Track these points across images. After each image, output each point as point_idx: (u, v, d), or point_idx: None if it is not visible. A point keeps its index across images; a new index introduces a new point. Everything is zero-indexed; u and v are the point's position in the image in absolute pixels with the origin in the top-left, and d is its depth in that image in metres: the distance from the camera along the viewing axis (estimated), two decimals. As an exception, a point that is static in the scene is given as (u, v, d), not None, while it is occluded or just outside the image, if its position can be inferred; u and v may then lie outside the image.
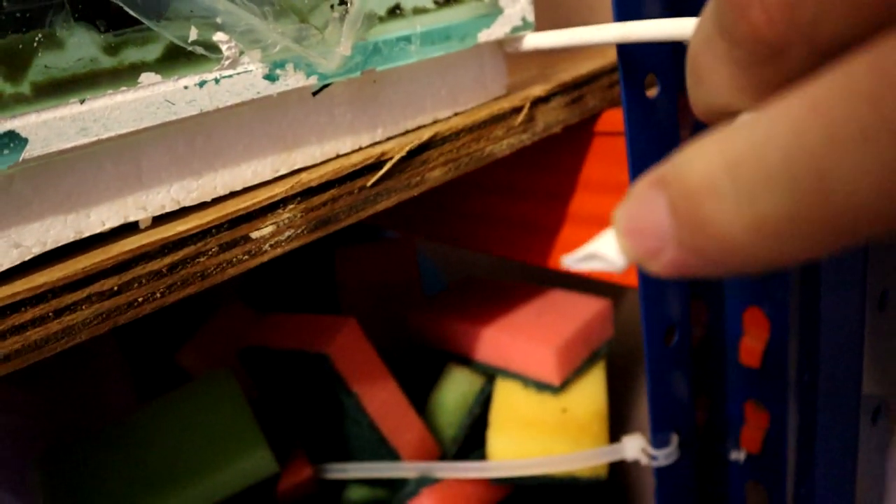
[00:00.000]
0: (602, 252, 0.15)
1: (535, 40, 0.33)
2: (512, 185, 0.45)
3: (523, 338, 0.43)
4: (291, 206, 0.26)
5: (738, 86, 0.15)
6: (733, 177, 0.12)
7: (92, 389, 0.50)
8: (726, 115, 0.16)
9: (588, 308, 0.44)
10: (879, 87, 0.10)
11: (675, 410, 0.38)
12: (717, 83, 0.15)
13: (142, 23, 0.22)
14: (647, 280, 0.35)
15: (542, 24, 0.34)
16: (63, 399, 0.48)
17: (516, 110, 0.32)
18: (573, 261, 0.16)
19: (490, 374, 0.45)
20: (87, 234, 0.24)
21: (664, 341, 0.36)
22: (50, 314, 0.22)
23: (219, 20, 0.23)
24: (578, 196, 0.41)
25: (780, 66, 0.14)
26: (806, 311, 0.38)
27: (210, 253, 0.25)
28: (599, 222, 0.40)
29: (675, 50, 0.33)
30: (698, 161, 0.13)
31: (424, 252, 0.69)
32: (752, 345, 0.40)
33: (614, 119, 0.37)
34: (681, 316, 0.37)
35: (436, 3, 0.29)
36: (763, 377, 0.40)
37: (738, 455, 0.44)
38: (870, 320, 0.38)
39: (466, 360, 0.46)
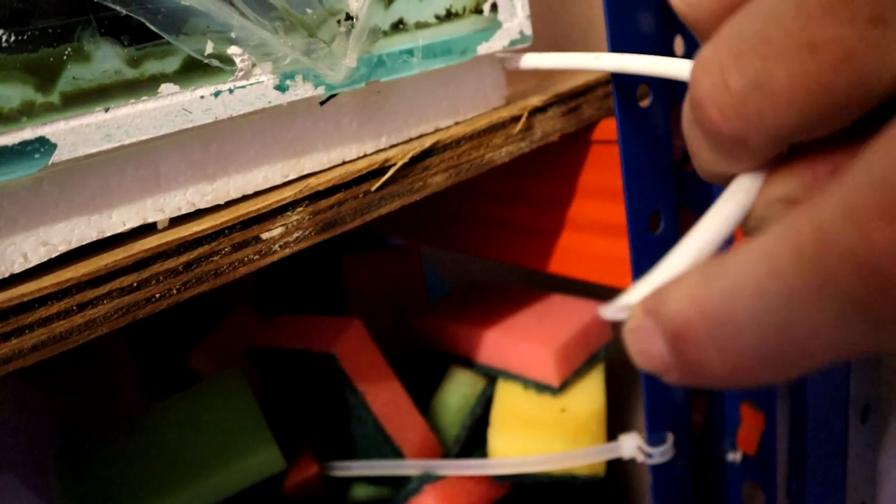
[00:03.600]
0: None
1: (534, 60, 0.34)
2: (512, 191, 0.46)
3: (523, 340, 0.44)
4: (300, 209, 0.28)
5: (718, 161, 0.17)
6: (709, 327, 0.14)
7: (104, 390, 0.51)
8: (720, 177, 0.18)
9: (587, 312, 0.46)
10: (820, 247, 0.12)
11: (671, 410, 0.40)
12: (703, 157, 0.17)
13: (162, 37, 0.24)
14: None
15: (539, 37, 0.36)
16: (77, 399, 0.50)
17: (515, 119, 0.34)
18: (609, 313, 0.18)
19: (491, 376, 0.47)
20: (109, 234, 0.25)
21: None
22: (74, 308, 0.23)
23: (233, 35, 0.25)
24: (576, 202, 0.42)
25: (746, 151, 0.15)
26: None
27: (223, 252, 0.26)
28: (596, 228, 0.42)
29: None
30: (678, 304, 0.14)
31: (428, 258, 0.70)
32: None
33: (610, 128, 0.38)
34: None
35: (437, 17, 0.31)
36: None
37: (734, 456, 0.45)
38: None
39: (468, 362, 0.47)
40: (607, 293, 0.48)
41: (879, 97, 0.14)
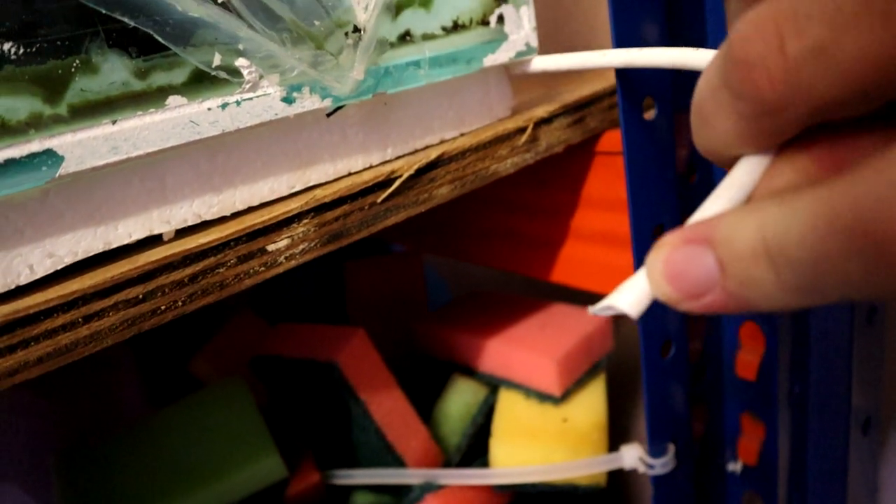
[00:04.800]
0: (619, 305, 0.19)
1: (542, 63, 0.34)
2: (516, 201, 0.46)
3: (526, 350, 0.44)
4: (305, 221, 0.28)
5: (739, 133, 0.17)
6: (768, 254, 0.15)
7: (106, 396, 0.51)
8: (728, 154, 0.18)
9: (589, 321, 0.46)
10: (856, 219, 0.14)
11: (672, 421, 0.40)
12: (720, 129, 0.18)
13: (170, 49, 0.24)
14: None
15: (545, 45, 0.36)
16: (78, 404, 0.50)
17: (520, 131, 0.34)
18: (596, 310, 0.20)
19: (493, 385, 0.47)
20: (115, 246, 0.25)
21: (661, 354, 0.38)
22: (79, 320, 0.23)
23: (241, 47, 0.25)
24: (580, 212, 0.42)
25: (779, 120, 0.16)
26: (796, 324, 0.40)
27: (229, 264, 0.26)
28: (599, 238, 0.42)
29: (672, 74, 0.35)
30: (742, 232, 0.16)
31: (431, 266, 0.70)
32: (748, 358, 0.41)
33: (615, 139, 0.38)
34: (677, 330, 0.38)
35: (444, 29, 0.31)
36: (759, 389, 0.42)
37: (735, 466, 0.45)
38: (858, 334, 0.39)
39: (470, 371, 0.47)
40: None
41: None
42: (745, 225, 0.16)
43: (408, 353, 0.51)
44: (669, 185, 0.36)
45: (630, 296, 0.19)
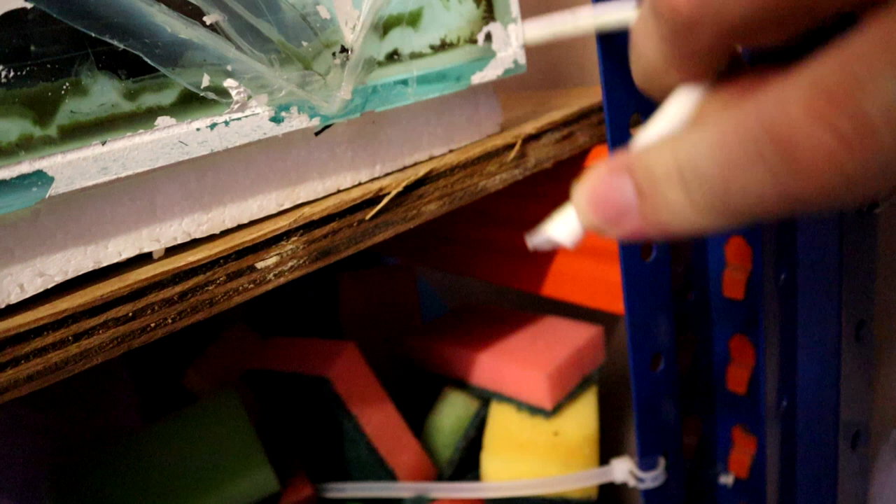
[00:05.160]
0: (556, 236, 0.20)
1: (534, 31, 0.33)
2: (507, 214, 0.46)
3: (517, 363, 0.44)
4: (294, 238, 0.28)
5: (663, 56, 0.19)
6: (681, 175, 0.17)
7: (99, 409, 0.51)
8: (658, 84, 0.20)
9: (580, 335, 0.46)
10: (757, 127, 0.15)
11: (662, 433, 0.40)
12: (648, 54, 0.19)
13: (158, 70, 0.24)
14: (633, 309, 0.36)
15: (533, 64, 0.36)
16: (71, 418, 0.50)
17: (508, 147, 0.34)
18: (535, 243, 0.21)
19: (485, 398, 0.47)
20: (105, 264, 0.25)
21: (651, 368, 0.38)
22: (70, 338, 0.24)
23: (229, 67, 0.25)
24: (570, 227, 0.42)
25: (693, 39, 0.18)
26: (785, 337, 0.40)
27: (218, 282, 0.26)
28: (589, 252, 0.42)
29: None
30: (659, 158, 0.17)
31: (424, 277, 0.70)
32: (738, 372, 0.42)
33: (603, 154, 0.39)
34: (667, 343, 0.38)
35: (432, 47, 0.31)
36: (749, 403, 0.42)
37: (726, 479, 0.45)
38: (846, 351, 0.39)
39: (462, 384, 0.47)
40: (601, 316, 0.48)
41: (832, 9, 0.16)
42: (661, 150, 0.17)
43: (401, 364, 0.51)
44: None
45: (563, 226, 0.20)
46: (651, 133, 0.20)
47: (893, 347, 0.44)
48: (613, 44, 0.33)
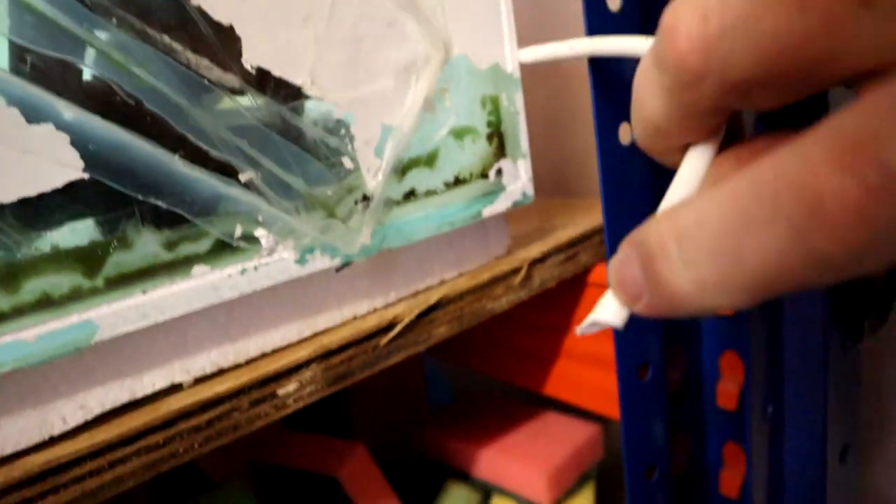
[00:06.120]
0: (602, 318, 0.19)
1: (529, 55, 0.34)
2: (513, 316, 0.48)
3: (518, 460, 0.46)
4: (313, 366, 0.30)
5: (666, 111, 0.18)
6: (679, 246, 0.16)
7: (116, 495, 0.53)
8: (662, 143, 0.20)
9: (579, 432, 0.48)
10: (777, 183, 0.14)
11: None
12: (649, 108, 0.19)
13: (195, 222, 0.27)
14: (630, 421, 0.38)
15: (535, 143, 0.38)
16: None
17: (515, 271, 0.37)
18: (582, 329, 0.20)
19: (486, 490, 0.48)
20: (139, 396, 0.28)
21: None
22: (105, 466, 0.26)
23: (260, 218, 0.28)
24: (572, 334, 0.45)
25: (697, 94, 0.17)
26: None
27: (242, 409, 0.29)
28: (589, 360, 0.44)
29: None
30: (655, 228, 0.16)
31: (432, 361, 0.72)
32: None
33: (605, 272, 0.41)
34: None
35: (445, 184, 0.34)
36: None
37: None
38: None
39: (465, 476, 0.49)
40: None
41: (833, 79, 0.15)
42: (659, 219, 0.16)
43: (406, 452, 0.53)
44: (654, 323, 0.38)
45: (610, 308, 0.19)
46: (669, 199, 0.19)
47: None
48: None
